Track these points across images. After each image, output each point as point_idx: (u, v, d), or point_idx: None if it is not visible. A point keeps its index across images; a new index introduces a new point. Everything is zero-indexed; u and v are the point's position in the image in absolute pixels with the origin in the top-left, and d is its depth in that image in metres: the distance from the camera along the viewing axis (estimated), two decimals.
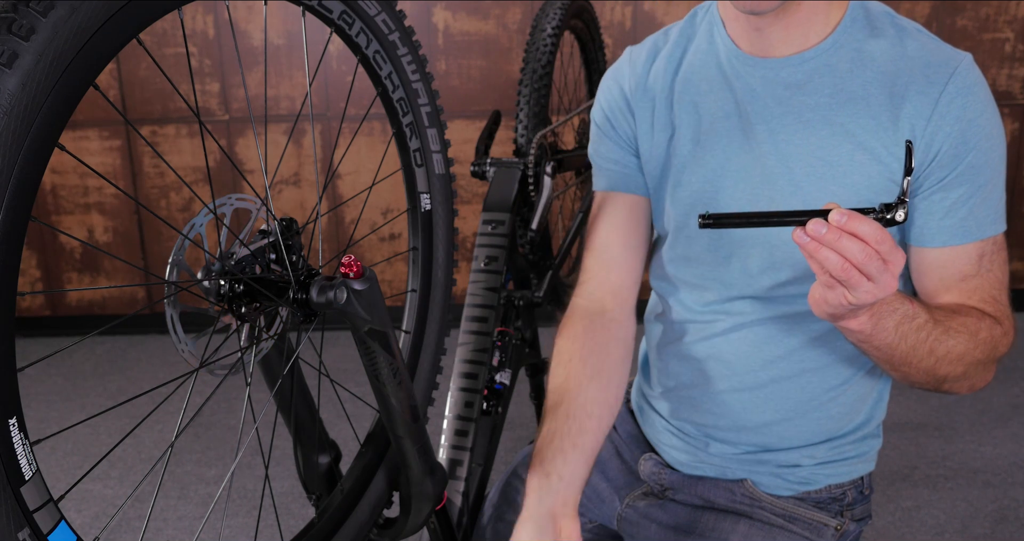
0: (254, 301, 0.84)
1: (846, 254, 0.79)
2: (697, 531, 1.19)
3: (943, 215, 1.02)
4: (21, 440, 0.61)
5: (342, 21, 0.94)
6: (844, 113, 1.03)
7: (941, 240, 1.03)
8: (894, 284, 0.83)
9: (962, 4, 3.10)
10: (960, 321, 0.99)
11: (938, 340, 0.96)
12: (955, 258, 1.03)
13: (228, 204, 0.83)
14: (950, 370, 0.99)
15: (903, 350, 0.96)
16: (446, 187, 1.13)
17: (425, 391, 1.16)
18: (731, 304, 1.14)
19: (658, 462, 1.25)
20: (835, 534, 1.17)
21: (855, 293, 0.82)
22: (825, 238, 0.79)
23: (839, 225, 0.79)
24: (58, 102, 0.59)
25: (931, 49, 1.02)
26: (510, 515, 1.30)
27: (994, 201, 1.03)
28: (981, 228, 1.03)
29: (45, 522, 0.64)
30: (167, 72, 3.19)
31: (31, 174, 0.58)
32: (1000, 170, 1.04)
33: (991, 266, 1.04)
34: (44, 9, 0.58)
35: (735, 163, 1.09)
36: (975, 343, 0.98)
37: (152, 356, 3.33)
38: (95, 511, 2.36)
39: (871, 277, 0.81)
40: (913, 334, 0.95)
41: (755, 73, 1.07)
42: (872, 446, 1.21)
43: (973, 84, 1.01)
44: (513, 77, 3.23)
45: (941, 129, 1.00)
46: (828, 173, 1.04)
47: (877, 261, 0.80)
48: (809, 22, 1.03)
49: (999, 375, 3.23)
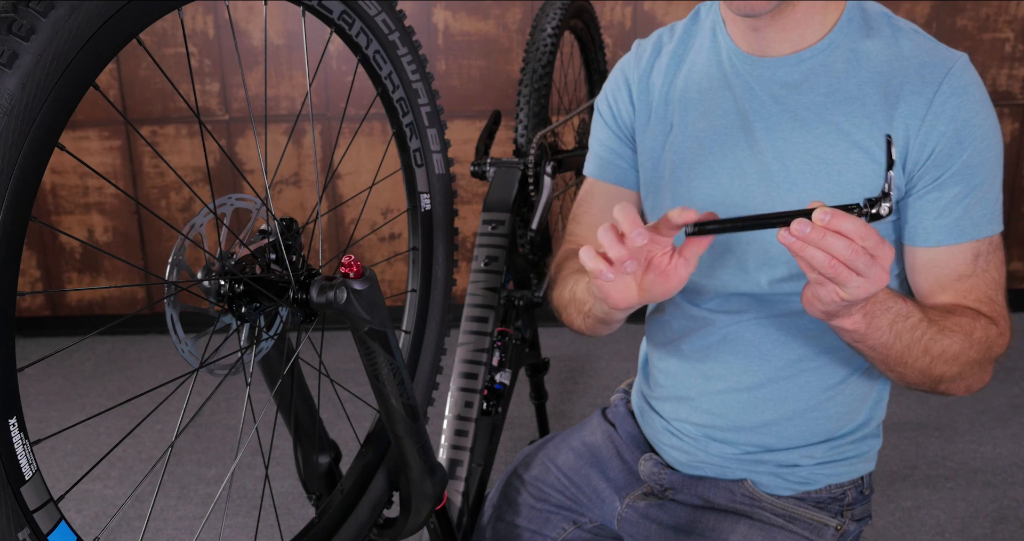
0: (254, 301, 0.84)
1: (832, 251, 0.80)
2: (697, 531, 1.19)
3: (938, 214, 1.02)
4: (21, 440, 0.61)
5: (342, 21, 0.94)
6: (839, 112, 1.04)
7: (936, 240, 1.03)
8: (884, 277, 0.83)
9: (962, 4, 3.10)
10: (955, 321, 0.99)
11: (933, 339, 0.96)
12: (950, 258, 1.03)
13: (228, 204, 0.83)
14: (945, 370, 0.99)
15: (898, 349, 0.96)
16: (446, 187, 1.13)
17: (425, 391, 1.16)
18: (728, 302, 1.14)
19: (658, 462, 1.25)
20: (835, 534, 1.18)
21: (846, 289, 0.83)
22: (810, 237, 0.80)
23: (822, 224, 0.79)
24: (58, 102, 0.59)
25: (926, 49, 1.03)
26: (510, 515, 1.30)
27: (990, 201, 1.03)
28: (977, 228, 1.02)
29: (45, 522, 0.64)
30: (167, 72, 3.19)
31: (31, 174, 0.58)
32: (996, 171, 1.04)
33: (987, 266, 1.04)
34: (44, 9, 0.58)
35: (732, 161, 1.10)
36: (970, 343, 0.99)
37: (152, 356, 3.33)
38: (95, 511, 2.36)
39: (860, 272, 0.81)
40: (907, 333, 0.95)
41: (753, 72, 1.08)
42: (872, 446, 1.21)
43: (968, 84, 1.01)
44: (513, 77, 3.23)
45: (935, 128, 1.00)
46: (823, 171, 1.04)
47: (864, 256, 0.80)
48: (805, 22, 1.04)
49: (999, 375, 3.21)
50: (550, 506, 1.30)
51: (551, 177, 1.62)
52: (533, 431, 2.43)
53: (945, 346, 0.97)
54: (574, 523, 1.29)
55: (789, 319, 1.12)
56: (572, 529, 1.29)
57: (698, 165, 1.12)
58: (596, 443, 1.33)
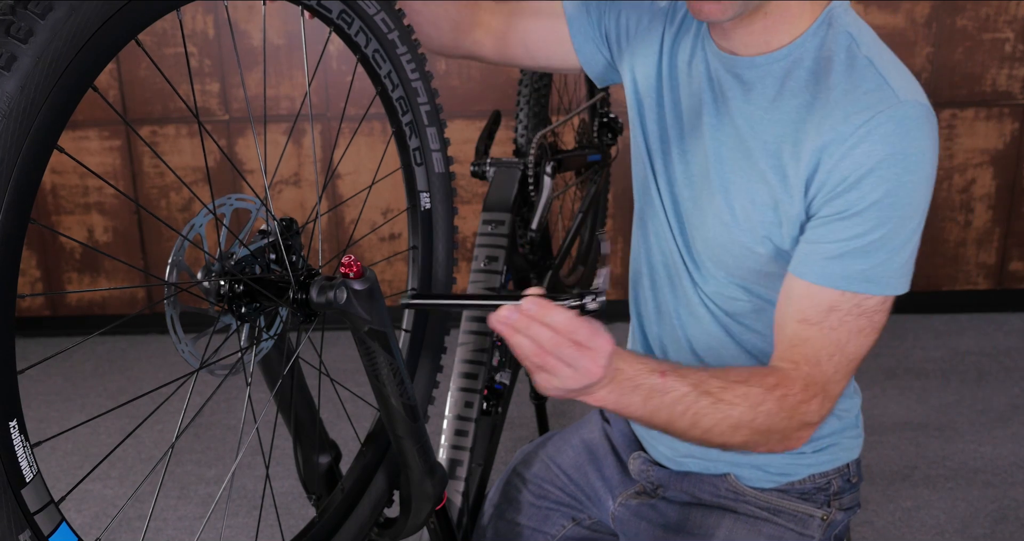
0: (254, 301, 0.84)
1: (537, 341, 0.81)
2: (686, 528, 1.20)
3: (812, 247, 0.98)
4: (22, 442, 0.61)
5: (341, 20, 0.94)
6: (764, 124, 1.02)
7: (800, 270, 0.99)
8: (595, 370, 0.83)
9: (962, 4, 3.09)
10: (741, 392, 0.95)
11: (701, 413, 0.93)
12: (805, 296, 0.98)
13: (228, 204, 0.83)
14: (727, 439, 0.96)
15: (659, 422, 0.94)
16: (446, 186, 1.13)
17: (425, 391, 1.16)
18: (690, 310, 1.16)
19: (646, 460, 1.25)
20: (821, 524, 1.18)
21: (557, 378, 0.84)
22: (517, 325, 0.81)
23: (528, 314, 0.80)
24: (57, 104, 0.59)
25: (865, 88, 0.95)
26: (511, 513, 1.30)
27: (878, 261, 0.95)
28: (847, 280, 0.96)
29: (46, 524, 0.64)
30: (167, 72, 3.19)
31: (30, 176, 0.58)
32: (903, 235, 0.95)
33: (837, 326, 0.96)
34: (42, 11, 0.57)
35: (686, 146, 1.11)
36: (754, 414, 0.95)
37: (152, 356, 3.33)
38: (95, 511, 2.36)
39: (568, 363, 0.82)
40: (666, 409, 0.93)
41: (722, 67, 1.07)
42: (851, 435, 1.20)
43: (892, 134, 0.93)
44: (513, 77, 3.23)
45: (838, 167, 0.95)
46: (735, 181, 1.05)
47: (570, 348, 0.81)
48: (773, 29, 1.01)
49: (999, 375, 3.21)
50: (550, 503, 1.30)
51: (551, 177, 1.61)
52: (533, 431, 2.43)
53: (718, 419, 0.94)
54: (573, 520, 1.30)
55: (732, 318, 1.13)
56: (572, 526, 1.29)
57: (668, 147, 1.14)
58: (594, 441, 1.34)
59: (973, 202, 3.31)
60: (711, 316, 1.13)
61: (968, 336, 3.20)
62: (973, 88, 3.18)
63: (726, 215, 1.06)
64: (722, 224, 1.06)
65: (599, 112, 2.03)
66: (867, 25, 1.03)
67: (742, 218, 1.04)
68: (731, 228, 1.05)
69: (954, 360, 3.02)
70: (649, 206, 1.18)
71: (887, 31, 3.12)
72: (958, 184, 3.29)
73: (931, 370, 2.96)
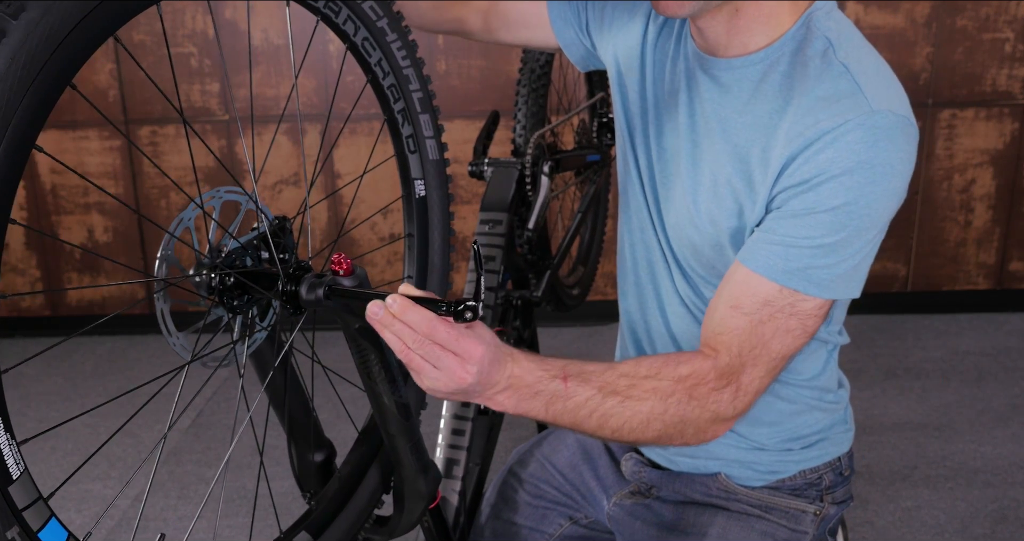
0: (245, 293, 0.84)
1: (401, 337, 0.81)
2: (680, 527, 1.19)
3: (762, 236, 0.97)
4: (7, 441, 0.61)
5: (328, 9, 0.93)
6: (737, 127, 1.01)
7: (743, 256, 0.98)
8: (463, 376, 0.83)
9: (962, 4, 3.09)
10: (650, 386, 0.94)
11: (608, 414, 0.93)
12: (743, 282, 0.97)
13: (217, 197, 0.83)
14: (639, 435, 0.96)
15: (564, 424, 0.94)
16: (441, 173, 1.12)
17: (419, 390, 1.16)
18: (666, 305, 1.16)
19: (639, 461, 1.25)
20: (814, 520, 1.17)
21: (426, 378, 0.84)
22: (383, 320, 0.81)
23: (390, 310, 0.80)
24: (34, 104, 0.58)
25: (837, 96, 0.93)
26: (508, 513, 1.30)
27: (823, 264, 0.94)
28: (788, 275, 0.94)
29: (34, 520, 0.64)
30: (168, 71, 3.19)
31: (8, 176, 0.58)
32: (856, 245, 0.94)
33: (767, 320, 0.95)
34: (15, 11, 0.57)
35: (663, 137, 1.11)
36: (665, 406, 0.94)
37: (152, 356, 3.33)
38: (95, 511, 2.36)
39: (432, 363, 0.82)
40: (569, 413, 0.93)
41: (699, 67, 1.06)
42: (840, 430, 1.20)
43: (859, 143, 0.90)
44: (513, 77, 3.22)
45: (800, 170, 0.94)
46: (703, 183, 1.05)
47: (431, 349, 0.81)
48: (748, 30, 1.00)
49: (999, 375, 3.20)
50: (547, 502, 1.30)
51: (549, 177, 1.61)
52: (532, 431, 2.43)
53: (627, 417, 0.94)
54: (570, 519, 1.29)
55: (701, 314, 1.13)
56: (569, 525, 1.29)
57: (650, 144, 1.14)
58: (588, 440, 1.34)
59: (973, 202, 3.31)
60: (686, 310, 1.14)
61: (968, 336, 3.20)
62: (973, 88, 3.17)
63: (694, 215, 1.06)
64: (692, 225, 1.07)
65: (598, 113, 2.03)
66: (853, 28, 1.00)
67: (707, 220, 1.04)
68: (699, 228, 1.06)
69: (954, 360, 3.01)
70: (633, 198, 1.18)
71: (887, 31, 3.11)
72: (958, 184, 3.28)
73: (931, 370, 2.95)
